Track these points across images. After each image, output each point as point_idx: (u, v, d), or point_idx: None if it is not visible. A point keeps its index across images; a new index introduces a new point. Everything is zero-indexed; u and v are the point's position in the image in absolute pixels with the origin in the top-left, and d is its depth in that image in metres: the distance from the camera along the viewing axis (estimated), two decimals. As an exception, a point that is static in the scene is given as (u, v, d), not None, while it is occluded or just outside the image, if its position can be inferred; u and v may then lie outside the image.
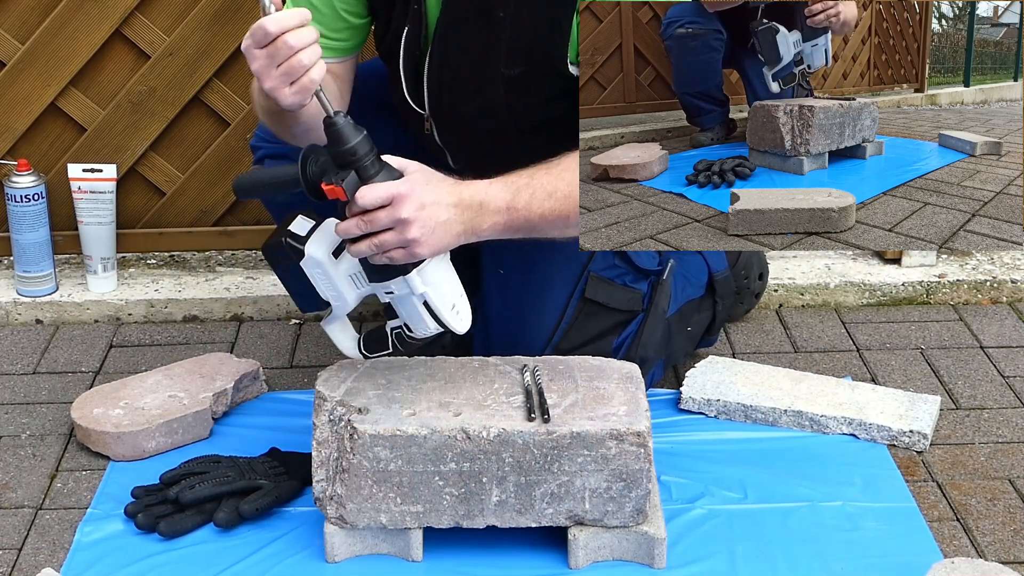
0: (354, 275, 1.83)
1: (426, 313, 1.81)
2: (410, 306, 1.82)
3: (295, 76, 1.66)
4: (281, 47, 1.64)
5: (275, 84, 1.67)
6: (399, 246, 1.74)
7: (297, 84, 1.67)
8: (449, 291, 1.83)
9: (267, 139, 2.18)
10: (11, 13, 2.68)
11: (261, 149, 2.21)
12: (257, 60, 1.66)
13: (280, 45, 1.64)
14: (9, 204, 2.63)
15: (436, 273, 1.81)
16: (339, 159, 1.72)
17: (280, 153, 2.15)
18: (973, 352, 2.53)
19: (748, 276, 2.54)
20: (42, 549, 1.94)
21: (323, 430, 1.86)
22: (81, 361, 2.51)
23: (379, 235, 1.73)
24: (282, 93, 1.68)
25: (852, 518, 1.98)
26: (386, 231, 1.73)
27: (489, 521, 1.85)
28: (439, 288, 1.81)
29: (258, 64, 1.67)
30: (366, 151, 1.72)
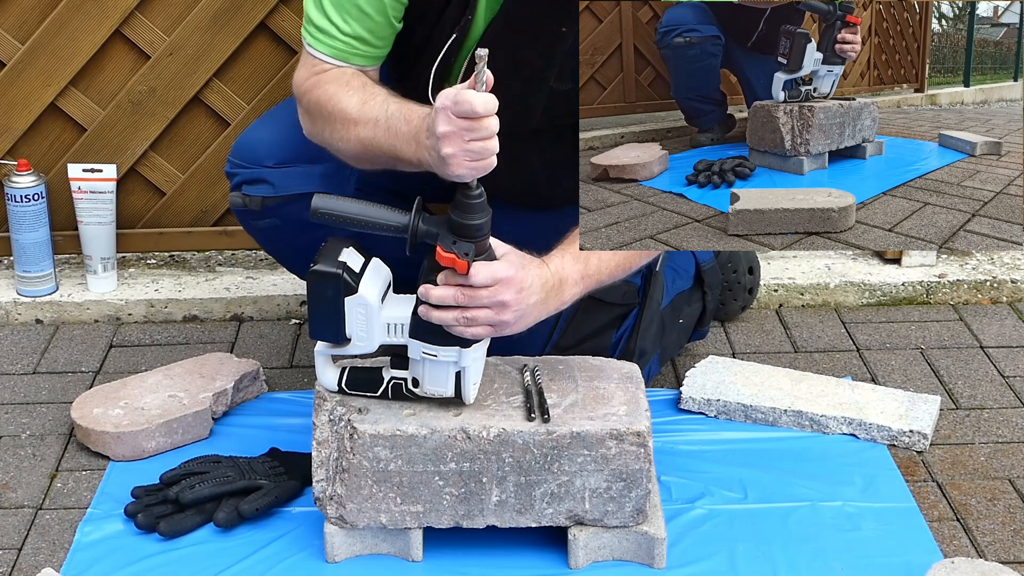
0: (393, 324, 1.81)
1: (452, 381, 1.82)
2: (440, 371, 1.81)
3: (483, 157, 1.69)
4: (481, 128, 1.67)
5: (457, 154, 1.68)
6: (488, 324, 1.76)
7: (480, 164, 1.69)
8: (481, 367, 1.85)
9: (242, 165, 2.18)
10: (11, 13, 2.68)
11: (238, 175, 2.19)
12: (450, 126, 1.67)
13: (481, 126, 1.67)
14: (9, 204, 2.63)
15: (482, 350, 1.83)
16: (461, 230, 1.73)
17: (257, 178, 2.16)
18: (973, 352, 2.53)
19: (736, 269, 2.55)
20: (42, 549, 1.94)
21: (323, 430, 1.86)
22: (81, 361, 2.51)
23: (473, 310, 1.75)
24: (460, 164, 1.69)
25: (852, 518, 1.98)
26: (482, 308, 1.75)
27: (489, 521, 1.85)
28: (478, 364, 1.83)
29: (449, 129, 1.68)
30: (488, 231, 1.74)
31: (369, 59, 1.98)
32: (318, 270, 1.79)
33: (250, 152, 2.18)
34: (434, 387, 1.83)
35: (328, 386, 1.87)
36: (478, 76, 1.65)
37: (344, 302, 1.80)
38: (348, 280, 1.79)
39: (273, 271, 2.78)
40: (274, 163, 2.15)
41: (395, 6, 1.96)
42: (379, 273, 1.84)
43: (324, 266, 1.79)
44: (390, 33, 1.99)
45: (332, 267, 1.79)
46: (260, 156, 2.17)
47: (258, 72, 2.75)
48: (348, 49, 1.96)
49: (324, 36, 1.96)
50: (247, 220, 2.23)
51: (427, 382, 1.83)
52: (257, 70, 2.75)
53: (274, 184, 2.15)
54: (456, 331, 1.77)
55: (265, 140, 2.18)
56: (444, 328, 1.77)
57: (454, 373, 1.81)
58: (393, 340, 1.82)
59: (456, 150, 1.68)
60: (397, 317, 1.81)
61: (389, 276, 1.86)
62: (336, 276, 1.79)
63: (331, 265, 1.79)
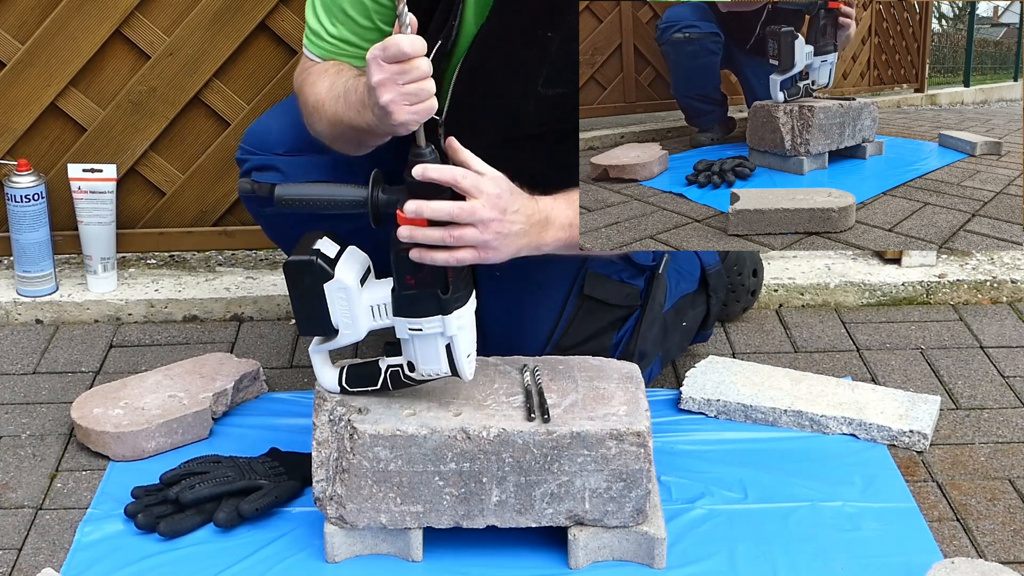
0: (376, 306, 1.82)
1: (444, 356, 1.81)
2: (430, 347, 1.81)
3: (419, 100, 1.70)
4: (412, 69, 1.68)
5: (395, 99, 1.69)
6: (472, 245, 1.75)
7: (419, 106, 1.70)
8: (471, 338, 1.84)
9: (253, 152, 2.20)
10: (11, 13, 2.68)
11: (248, 161, 2.21)
12: (382, 73, 1.69)
13: (412, 66, 1.68)
14: (9, 204, 2.63)
15: (467, 317, 1.81)
16: (419, 190, 1.74)
17: (266, 165, 2.18)
18: (973, 352, 2.53)
19: (741, 272, 2.55)
20: (42, 549, 1.94)
21: (323, 430, 1.86)
22: (81, 361, 2.51)
23: (459, 228, 1.74)
24: (400, 109, 1.70)
25: (852, 518, 1.98)
26: (466, 226, 1.74)
27: (489, 521, 1.85)
28: (466, 333, 1.82)
29: (382, 77, 1.69)
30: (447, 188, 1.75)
31: (356, 59, 2.00)
32: (292, 260, 1.80)
33: (261, 140, 2.21)
34: (428, 366, 1.82)
35: (329, 387, 1.87)
36: (401, 18, 1.68)
37: (324, 289, 1.80)
38: (322, 265, 1.79)
39: (273, 271, 2.78)
40: (284, 151, 2.18)
41: (379, 10, 1.98)
42: (355, 257, 1.83)
43: (297, 256, 1.80)
44: (377, 36, 2.01)
45: (305, 255, 1.80)
46: (271, 144, 2.19)
47: (258, 72, 2.75)
48: (335, 50, 2.01)
49: (315, 37, 2.02)
50: (254, 207, 2.25)
51: (420, 362, 1.82)
52: (257, 70, 2.75)
53: (283, 171, 2.17)
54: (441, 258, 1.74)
55: (276, 128, 2.20)
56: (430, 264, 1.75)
57: (444, 347, 1.80)
58: (379, 323, 1.82)
59: (393, 95, 1.69)
60: (379, 298, 1.81)
61: (367, 261, 1.86)
62: (309, 263, 1.79)
63: (304, 254, 1.80)
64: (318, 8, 2.00)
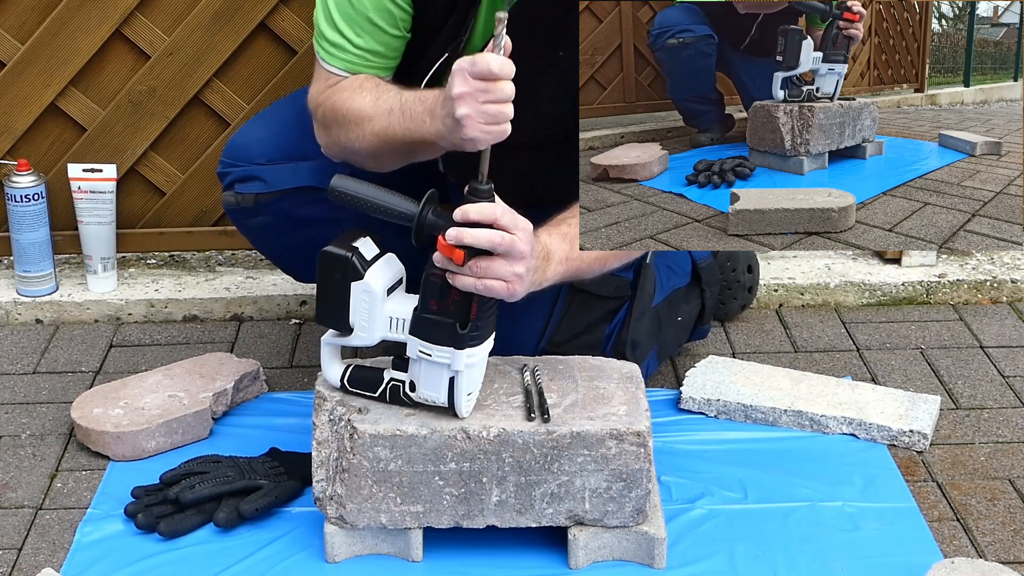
0: (395, 319, 1.81)
1: (446, 387, 1.81)
2: (435, 374, 1.80)
3: (495, 121, 1.70)
4: (496, 90, 1.68)
5: (471, 114, 1.69)
6: (501, 278, 1.74)
7: (493, 128, 1.70)
8: (477, 378, 1.83)
9: (234, 164, 2.21)
10: (11, 13, 2.68)
11: (230, 175, 2.21)
12: (466, 86, 1.68)
13: (497, 87, 1.68)
14: (9, 204, 2.63)
15: (479, 357, 1.81)
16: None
17: (249, 176, 2.18)
18: (973, 352, 2.53)
19: (735, 268, 2.55)
20: (42, 549, 1.94)
21: (323, 430, 1.86)
22: (81, 361, 2.51)
23: (487, 260, 1.73)
24: (474, 125, 1.69)
25: (852, 518, 1.98)
26: (496, 258, 1.74)
27: (489, 521, 1.85)
28: (474, 372, 1.82)
29: (465, 90, 1.68)
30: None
31: (382, 70, 2.00)
32: (328, 251, 1.80)
33: (242, 151, 2.21)
34: (428, 391, 1.82)
35: (331, 380, 1.88)
36: (497, 40, 1.66)
37: (350, 287, 1.79)
38: (356, 264, 1.79)
39: (273, 271, 2.78)
40: (266, 160, 2.18)
41: (404, 17, 1.98)
42: (391, 265, 1.83)
43: (335, 248, 1.80)
44: (401, 44, 2.01)
45: (343, 250, 1.79)
46: (252, 154, 2.19)
47: (258, 72, 2.75)
48: (361, 62, 1.98)
49: (337, 50, 1.98)
50: (240, 219, 2.25)
51: (422, 385, 1.82)
52: (257, 70, 2.75)
53: (266, 180, 2.17)
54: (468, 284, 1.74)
55: (256, 139, 2.20)
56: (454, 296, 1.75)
57: (448, 379, 1.80)
58: (394, 335, 1.82)
59: (471, 111, 1.68)
60: (401, 312, 1.81)
61: (402, 272, 1.85)
62: (344, 259, 1.79)
63: (343, 248, 1.79)
64: (336, 19, 1.96)
